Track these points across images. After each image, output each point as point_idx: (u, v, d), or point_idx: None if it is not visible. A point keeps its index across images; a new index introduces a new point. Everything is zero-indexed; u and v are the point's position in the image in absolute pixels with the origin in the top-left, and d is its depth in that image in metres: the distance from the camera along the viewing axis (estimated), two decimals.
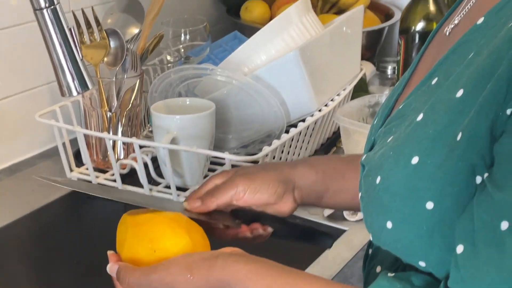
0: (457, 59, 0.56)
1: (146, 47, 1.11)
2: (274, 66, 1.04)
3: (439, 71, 0.58)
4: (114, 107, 1.05)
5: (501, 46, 0.50)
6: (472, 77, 0.52)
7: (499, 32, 0.52)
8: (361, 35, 1.22)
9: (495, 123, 0.49)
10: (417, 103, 0.58)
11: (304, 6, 1.11)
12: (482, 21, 0.56)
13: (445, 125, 0.53)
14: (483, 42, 0.54)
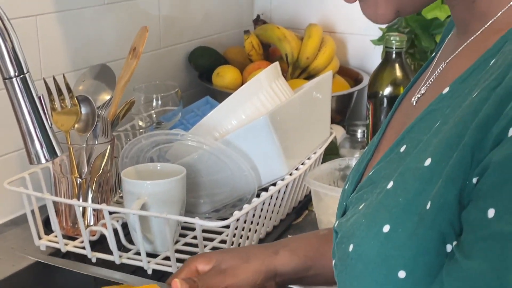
0: (424, 128, 0.57)
1: (117, 113, 1.11)
2: (244, 131, 1.05)
3: (407, 138, 0.59)
4: (85, 173, 1.05)
5: (466, 116, 0.52)
6: (439, 146, 0.53)
7: (463, 102, 0.54)
8: (330, 100, 1.24)
9: (463, 191, 0.50)
10: (387, 170, 0.59)
11: (274, 72, 1.14)
12: (447, 91, 0.57)
13: (414, 193, 0.54)
14: (448, 111, 0.55)
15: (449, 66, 0.62)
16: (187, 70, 1.57)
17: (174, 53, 1.53)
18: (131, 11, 1.37)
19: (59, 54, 1.22)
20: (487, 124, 0.49)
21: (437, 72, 0.64)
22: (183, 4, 1.53)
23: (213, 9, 1.63)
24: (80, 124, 1.05)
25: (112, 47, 1.33)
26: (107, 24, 1.32)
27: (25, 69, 0.70)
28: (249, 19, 1.75)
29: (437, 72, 0.64)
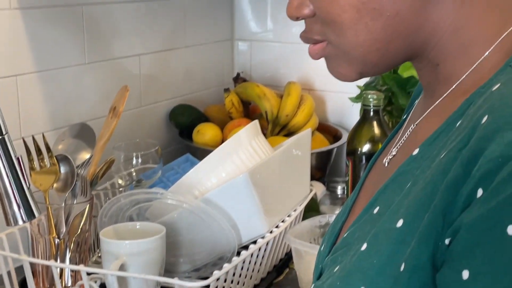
0: (396, 189, 0.58)
1: (97, 172, 1.11)
2: (224, 189, 1.05)
3: (380, 200, 0.60)
4: (63, 233, 1.04)
5: (435, 177, 0.52)
6: (410, 207, 0.54)
7: (432, 163, 0.54)
8: (309, 157, 1.25)
9: (436, 253, 0.51)
10: (361, 232, 0.59)
11: (253, 130, 1.15)
12: (417, 152, 0.58)
13: (388, 255, 0.54)
14: (418, 172, 0.56)
15: (418, 128, 0.64)
16: (168, 127, 1.58)
17: (155, 111, 1.54)
18: (112, 70, 1.39)
19: (39, 113, 1.23)
20: (456, 186, 0.50)
21: (407, 134, 0.65)
22: (164, 62, 1.55)
23: (194, 67, 1.65)
24: (59, 184, 1.04)
25: (92, 106, 1.34)
26: (87, 83, 1.33)
27: (4, 130, 0.70)
28: (229, 77, 1.77)
29: (407, 134, 0.65)
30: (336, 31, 0.59)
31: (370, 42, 0.58)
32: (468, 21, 0.57)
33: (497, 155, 0.47)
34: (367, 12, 0.57)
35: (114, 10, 1.38)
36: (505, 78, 0.53)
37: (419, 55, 0.60)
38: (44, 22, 1.22)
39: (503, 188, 0.46)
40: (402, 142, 0.65)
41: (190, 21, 1.61)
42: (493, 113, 0.50)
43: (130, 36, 1.43)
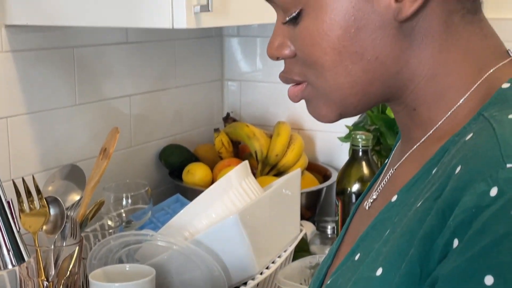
0: (376, 236, 0.59)
1: (87, 214, 1.11)
2: (214, 230, 1.05)
3: (361, 246, 0.60)
4: (52, 275, 1.03)
5: (412, 226, 0.53)
6: (388, 256, 0.54)
7: (409, 211, 0.55)
8: (299, 197, 1.25)
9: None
10: (343, 279, 0.60)
11: (243, 170, 1.15)
12: (395, 199, 0.59)
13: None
14: (396, 220, 0.57)
15: (397, 173, 0.64)
16: (158, 167, 1.58)
17: (145, 151, 1.54)
18: (102, 110, 1.40)
19: (29, 155, 1.23)
20: (431, 236, 0.50)
21: (386, 178, 0.66)
22: (154, 102, 1.56)
23: (184, 107, 1.66)
24: (48, 226, 1.04)
25: (83, 147, 1.34)
26: (78, 124, 1.34)
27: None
28: (219, 117, 1.78)
29: (386, 178, 0.66)
30: (317, 73, 0.60)
31: (349, 84, 0.59)
32: (445, 68, 0.59)
33: (470, 205, 0.48)
34: (348, 55, 0.58)
35: (105, 51, 1.39)
36: (477, 128, 0.54)
37: (397, 98, 0.61)
38: (36, 64, 1.23)
39: (478, 239, 0.47)
40: (382, 187, 0.66)
41: (181, 61, 1.63)
42: (465, 164, 0.50)
43: (121, 76, 1.44)
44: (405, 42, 0.58)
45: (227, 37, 1.79)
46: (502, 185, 0.47)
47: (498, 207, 0.47)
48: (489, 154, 0.49)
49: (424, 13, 0.58)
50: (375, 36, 0.57)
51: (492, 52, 0.60)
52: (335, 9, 0.58)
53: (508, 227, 0.46)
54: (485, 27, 0.60)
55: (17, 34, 1.18)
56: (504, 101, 0.55)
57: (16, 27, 1.16)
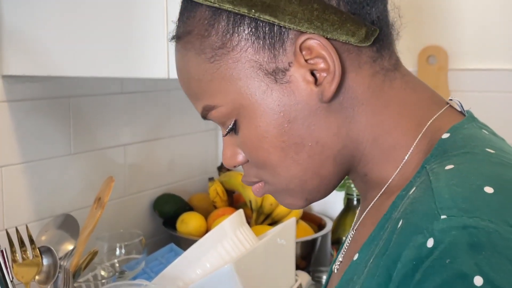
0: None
1: (80, 264, 1.10)
2: (209, 280, 1.04)
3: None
4: None
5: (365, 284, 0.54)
6: None
7: (365, 268, 0.56)
8: (294, 246, 1.25)
9: None
10: None
11: (238, 219, 1.15)
12: (356, 258, 0.60)
13: None
14: (355, 278, 0.58)
15: (357, 233, 0.66)
16: (152, 217, 1.58)
17: (139, 201, 1.54)
18: (97, 160, 1.40)
19: (23, 204, 1.23)
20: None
21: (349, 239, 0.67)
22: (149, 152, 1.56)
23: (178, 156, 1.66)
24: (41, 276, 1.03)
25: (77, 196, 1.34)
26: (72, 173, 1.34)
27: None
28: (214, 166, 1.79)
29: (349, 239, 0.67)
30: (270, 172, 0.63)
31: (302, 172, 0.62)
32: (384, 129, 0.61)
33: (410, 258, 0.49)
34: (290, 147, 0.61)
35: (100, 101, 1.40)
36: (420, 181, 0.55)
37: (351, 169, 0.63)
38: (31, 113, 1.23)
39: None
40: (346, 248, 0.67)
41: (175, 111, 1.64)
42: (405, 219, 0.52)
43: (115, 126, 1.45)
44: (338, 118, 0.60)
45: None
46: (438, 236, 0.48)
47: (435, 257, 0.48)
48: (425, 207, 0.51)
49: (346, 85, 0.60)
50: (308, 123, 0.60)
51: (426, 103, 0.62)
52: (263, 112, 0.60)
53: (446, 276, 0.47)
54: (410, 80, 0.62)
55: (14, 84, 1.19)
56: (444, 152, 0.56)
57: (12, 77, 1.18)
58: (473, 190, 0.50)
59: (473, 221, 0.48)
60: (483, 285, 0.46)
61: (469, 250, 0.47)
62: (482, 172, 0.52)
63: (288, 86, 0.59)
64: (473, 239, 0.47)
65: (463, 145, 0.56)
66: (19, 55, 1.14)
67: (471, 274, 0.46)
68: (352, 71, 0.60)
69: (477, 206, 0.49)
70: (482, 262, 0.46)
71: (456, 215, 0.48)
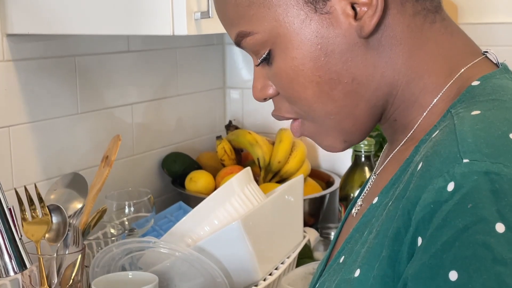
0: (358, 238, 0.59)
1: (89, 222, 1.11)
2: (217, 236, 1.05)
3: (346, 249, 0.61)
4: (54, 284, 1.03)
5: (384, 226, 0.54)
6: (365, 257, 0.55)
7: (384, 211, 0.56)
8: (302, 203, 1.25)
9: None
10: (329, 282, 0.60)
11: (245, 177, 1.15)
12: (376, 201, 0.60)
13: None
14: (374, 221, 0.57)
15: (379, 177, 0.65)
16: (160, 176, 1.59)
17: (147, 160, 1.55)
18: (105, 119, 1.40)
19: (31, 164, 1.23)
20: (399, 236, 0.51)
21: (370, 184, 0.67)
22: (156, 111, 1.56)
23: (186, 115, 1.66)
24: (50, 234, 1.04)
25: (85, 155, 1.35)
26: (80, 133, 1.34)
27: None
28: (222, 125, 1.79)
29: (370, 184, 0.67)
30: (305, 107, 0.61)
31: (337, 109, 0.61)
32: (418, 72, 0.60)
33: (429, 202, 0.49)
34: (326, 83, 0.59)
35: (107, 60, 1.40)
36: (444, 125, 0.55)
37: (382, 114, 0.62)
38: (37, 73, 1.23)
39: (439, 235, 0.47)
40: (366, 192, 0.67)
41: (183, 70, 1.63)
42: (426, 161, 0.51)
43: (122, 85, 1.45)
44: (375, 56, 0.59)
45: (229, 45, 1.80)
46: (459, 180, 0.48)
47: (456, 201, 0.47)
48: (447, 150, 0.50)
49: (386, 23, 0.58)
50: (345, 58, 0.58)
51: (461, 50, 0.60)
52: (300, 43, 0.59)
53: (467, 221, 0.46)
54: (449, 25, 0.61)
55: (18, 43, 1.18)
56: (472, 98, 0.56)
57: (17, 36, 1.17)
58: (498, 136, 0.49)
59: (496, 167, 0.47)
60: (505, 232, 0.45)
61: (492, 196, 0.46)
62: (509, 119, 0.51)
63: (328, 17, 0.58)
64: (495, 186, 0.47)
65: (491, 93, 0.55)
66: (24, 13, 1.13)
67: (493, 220, 0.46)
68: (394, 8, 0.58)
69: (501, 152, 0.48)
70: (504, 209, 0.46)
71: (479, 160, 0.48)
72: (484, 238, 0.46)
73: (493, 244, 0.45)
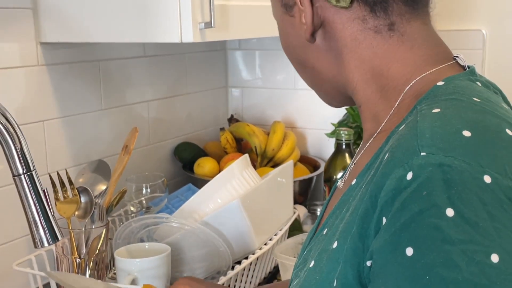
0: (338, 214, 0.59)
1: (112, 201, 1.12)
2: (220, 213, 1.05)
3: (328, 223, 0.61)
4: (83, 253, 1.04)
5: (356, 206, 0.54)
6: (342, 231, 0.55)
7: (359, 192, 0.56)
8: (292, 184, 1.26)
9: (361, 273, 0.51)
10: (313, 251, 0.60)
11: (244, 162, 1.16)
12: (354, 183, 0.60)
13: (326, 272, 0.54)
14: (351, 200, 0.57)
15: (358, 162, 0.65)
16: (173, 162, 1.59)
17: (161, 148, 1.55)
18: (125, 114, 1.40)
19: (62, 152, 1.24)
20: (367, 215, 0.51)
21: (351, 167, 0.67)
22: (169, 107, 1.57)
23: (194, 110, 1.66)
24: (79, 212, 1.05)
25: (108, 145, 1.35)
26: (104, 126, 1.34)
27: (32, 167, 0.71)
28: (224, 118, 1.79)
29: (351, 167, 0.67)
30: None
31: (311, 85, 0.67)
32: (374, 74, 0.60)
33: (391, 188, 0.49)
34: (298, 63, 0.66)
35: (126, 64, 1.40)
36: (409, 119, 0.54)
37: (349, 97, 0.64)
38: (67, 75, 1.23)
39: (398, 216, 0.47)
40: (348, 174, 0.67)
41: (191, 72, 1.63)
42: (391, 152, 0.51)
43: (140, 85, 1.45)
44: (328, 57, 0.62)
45: (230, 50, 1.80)
46: (416, 170, 0.47)
47: (413, 188, 0.47)
48: (408, 144, 0.50)
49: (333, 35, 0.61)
50: (305, 52, 0.63)
51: (422, 59, 0.59)
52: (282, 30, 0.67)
53: (421, 206, 0.46)
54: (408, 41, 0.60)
55: (51, 50, 1.19)
56: (435, 96, 0.55)
57: (49, 44, 1.17)
58: (452, 132, 0.49)
59: (448, 160, 0.47)
60: (454, 216, 0.45)
61: (443, 185, 0.46)
62: (463, 117, 0.51)
63: (292, 20, 0.64)
64: (447, 176, 0.46)
65: (452, 92, 0.55)
66: (55, 24, 1.13)
67: (444, 206, 0.46)
68: (339, 23, 0.60)
69: (453, 146, 0.48)
70: (454, 196, 0.46)
71: (434, 153, 0.47)
72: (436, 221, 0.46)
73: (443, 226, 0.45)
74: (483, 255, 0.45)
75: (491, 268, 0.45)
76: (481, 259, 0.45)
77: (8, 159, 0.69)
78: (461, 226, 0.45)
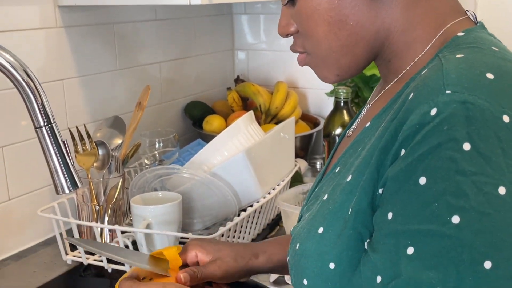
0: (352, 153, 0.59)
1: (127, 154, 1.12)
2: (227, 164, 1.06)
3: (341, 162, 0.61)
4: (102, 201, 1.05)
5: (375, 142, 0.54)
6: (358, 166, 0.55)
7: (376, 131, 0.56)
8: (294, 139, 1.26)
9: (374, 200, 0.52)
10: (326, 187, 0.61)
11: (249, 118, 1.15)
12: (369, 125, 0.59)
13: (340, 202, 0.55)
14: (367, 140, 0.57)
15: (372, 107, 0.65)
16: (183, 119, 1.59)
17: (173, 106, 1.55)
18: (138, 74, 1.39)
19: (81, 109, 1.24)
20: (386, 148, 0.51)
21: (364, 112, 0.66)
22: (180, 68, 1.55)
23: (203, 71, 1.65)
24: (98, 163, 1.05)
25: (123, 103, 1.35)
26: (119, 85, 1.34)
27: (52, 120, 0.70)
28: (231, 79, 1.78)
29: (364, 112, 0.66)
30: (314, 42, 0.60)
31: (340, 48, 0.59)
32: (412, 24, 0.58)
33: (414, 123, 0.48)
34: (335, 23, 0.58)
35: (140, 27, 1.38)
36: (432, 64, 0.54)
37: (379, 54, 0.61)
38: (84, 37, 1.22)
39: (417, 148, 0.47)
40: (361, 118, 0.66)
41: (199, 35, 1.61)
42: (416, 91, 0.51)
43: (152, 47, 1.43)
44: (379, 6, 0.57)
45: (236, 15, 1.77)
46: (441, 106, 0.47)
47: (435, 123, 0.47)
48: (434, 83, 0.49)
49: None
50: (354, 4, 0.57)
51: (450, 9, 0.59)
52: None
53: (441, 139, 0.46)
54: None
55: (68, 13, 1.17)
56: (457, 45, 0.55)
57: (67, 7, 1.15)
58: (477, 74, 0.49)
59: (472, 98, 0.47)
60: (470, 150, 0.45)
61: (465, 121, 0.46)
62: (486, 62, 0.51)
63: None
64: (469, 113, 0.46)
65: (473, 42, 0.54)
66: None
67: (462, 140, 0.46)
68: None
69: (478, 86, 0.48)
70: (473, 132, 0.46)
71: (459, 92, 0.47)
72: (452, 154, 0.45)
73: (458, 158, 0.45)
74: (492, 187, 0.45)
75: (497, 198, 0.45)
76: (489, 190, 0.45)
77: (30, 113, 0.69)
78: (475, 159, 0.45)
